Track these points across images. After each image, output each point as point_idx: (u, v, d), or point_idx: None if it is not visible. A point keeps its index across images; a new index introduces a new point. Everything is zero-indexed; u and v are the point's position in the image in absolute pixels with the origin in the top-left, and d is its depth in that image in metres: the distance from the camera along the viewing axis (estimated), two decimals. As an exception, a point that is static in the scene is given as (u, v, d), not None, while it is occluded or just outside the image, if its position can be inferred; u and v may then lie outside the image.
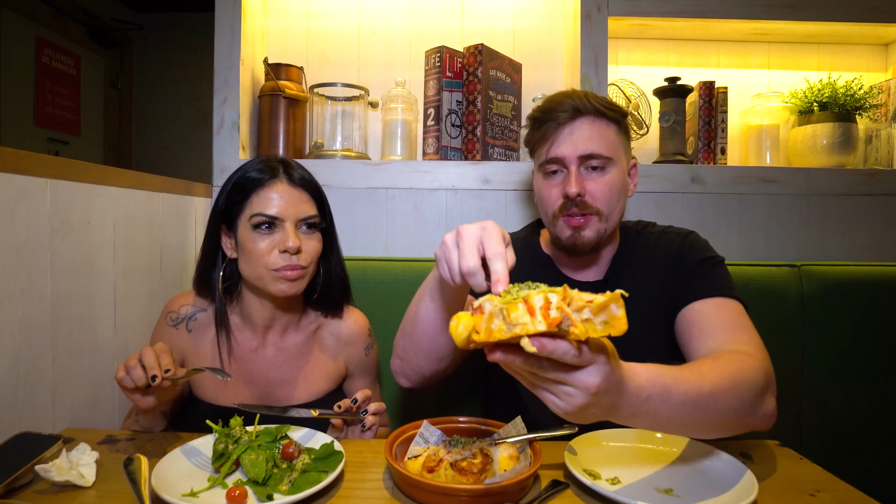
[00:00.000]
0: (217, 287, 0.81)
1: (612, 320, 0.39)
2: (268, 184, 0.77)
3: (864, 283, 1.08)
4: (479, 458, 0.61)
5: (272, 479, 0.59)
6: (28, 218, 0.72)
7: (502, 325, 0.40)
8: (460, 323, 0.41)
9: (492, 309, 0.40)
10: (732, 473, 0.62)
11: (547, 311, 0.39)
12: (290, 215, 0.77)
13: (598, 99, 0.79)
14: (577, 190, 0.77)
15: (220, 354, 0.81)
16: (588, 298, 0.40)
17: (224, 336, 0.81)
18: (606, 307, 0.39)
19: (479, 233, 0.52)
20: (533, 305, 0.39)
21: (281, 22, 1.33)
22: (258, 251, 0.76)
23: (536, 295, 0.40)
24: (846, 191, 1.22)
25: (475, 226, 0.53)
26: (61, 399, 0.78)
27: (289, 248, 0.75)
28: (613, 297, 0.39)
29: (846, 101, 1.23)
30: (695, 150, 1.28)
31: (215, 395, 0.81)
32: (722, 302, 0.75)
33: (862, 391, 1.06)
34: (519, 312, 0.39)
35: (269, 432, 0.66)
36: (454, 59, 1.21)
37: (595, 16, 1.19)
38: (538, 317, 0.39)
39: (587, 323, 0.39)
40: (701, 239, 0.86)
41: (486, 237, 0.51)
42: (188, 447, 0.65)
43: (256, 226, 0.76)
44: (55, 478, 0.57)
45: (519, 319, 0.39)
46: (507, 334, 0.39)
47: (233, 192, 0.78)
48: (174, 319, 0.83)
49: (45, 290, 0.75)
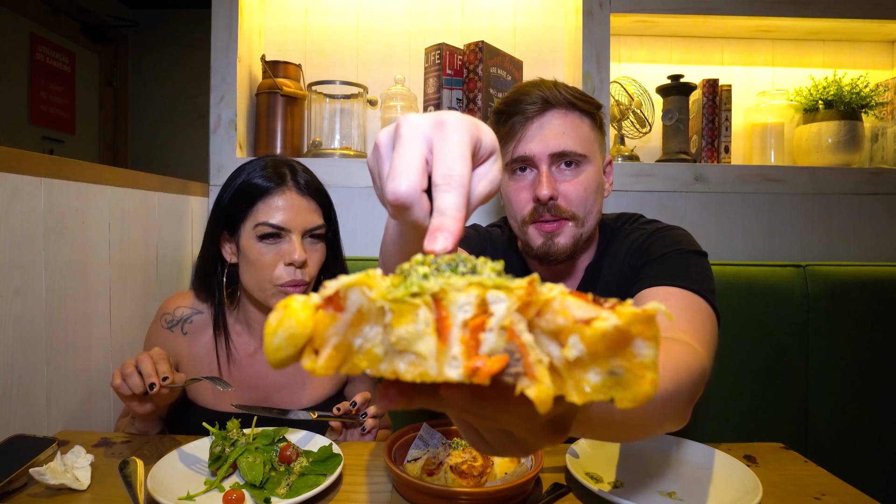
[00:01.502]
0: (216, 292, 0.79)
1: (632, 372, 0.19)
2: (275, 192, 0.74)
3: (871, 283, 1.07)
4: (480, 461, 0.60)
5: (270, 482, 0.59)
6: (22, 217, 0.71)
7: (375, 347, 0.20)
8: (283, 324, 0.20)
9: (362, 304, 0.20)
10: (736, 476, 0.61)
11: (479, 328, 0.19)
12: (297, 226, 0.74)
13: (569, 89, 0.72)
14: (548, 192, 0.69)
15: (217, 359, 0.80)
16: (582, 312, 0.19)
17: (223, 341, 0.80)
18: (625, 342, 0.18)
19: (430, 129, 0.27)
20: (448, 315, 0.19)
21: (278, 18, 1.32)
22: (263, 263, 0.73)
23: (464, 290, 0.19)
24: (852, 190, 1.21)
25: (427, 119, 0.28)
26: (56, 401, 0.77)
27: (294, 262, 0.73)
28: (639, 318, 0.18)
29: (852, 99, 1.22)
30: (698, 149, 1.27)
31: (213, 400, 0.80)
32: (675, 291, 0.62)
33: (868, 394, 1.05)
34: (416, 328, 0.19)
35: (267, 435, 0.65)
36: (454, 57, 1.19)
37: (597, 12, 1.18)
38: (453, 344, 0.19)
39: (573, 371, 0.19)
40: (679, 233, 0.75)
41: (439, 140, 0.27)
42: (184, 450, 0.64)
43: (262, 236, 0.73)
44: (49, 481, 0.57)
45: (411, 344, 0.19)
46: (379, 371, 0.20)
47: (237, 197, 0.75)
48: (169, 322, 0.81)
49: (39, 290, 0.74)
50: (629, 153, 1.26)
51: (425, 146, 0.27)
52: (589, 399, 0.19)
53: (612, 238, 0.78)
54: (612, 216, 0.83)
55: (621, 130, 1.27)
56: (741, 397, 1.03)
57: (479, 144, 0.29)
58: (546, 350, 0.19)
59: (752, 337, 1.04)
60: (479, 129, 0.29)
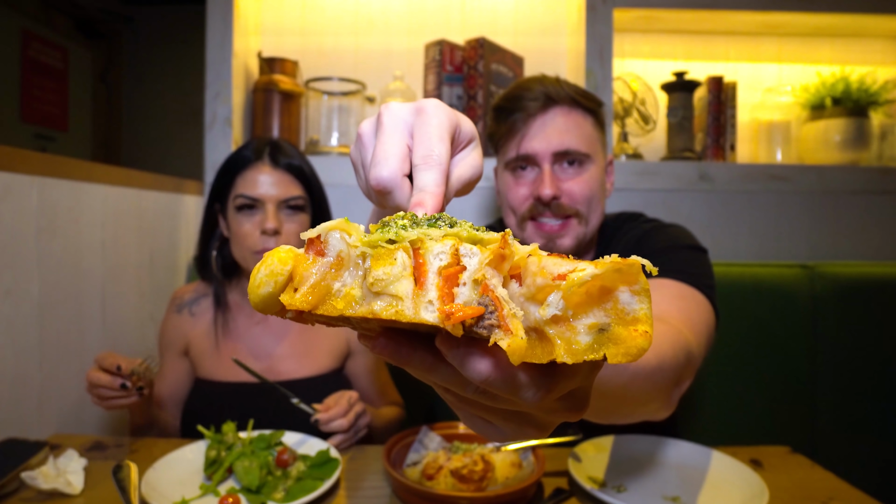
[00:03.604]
0: (212, 266, 0.84)
1: (621, 326, 0.18)
2: (252, 165, 0.80)
3: (879, 283, 1.05)
4: (480, 466, 0.59)
5: (266, 486, 0.58)
6: (14, 216, 0.70)
7: (353, 289, 0.20)
8: (265, 262, 0.21)
9: (342, 250, 0.21)
10: (742, 481, 0.60)
11: (453, 279, 0.19)
12: (272, 197, 0.79)
13: (571, 86, 0.71)
14: (552, 192, 0.67)
15: (216, 332, 0.83)
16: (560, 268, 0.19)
17: (221, 315, 0.84)
18: (608, 293, 0.18)
19: (411, 116, 0.30)
20: (425, 262, 0.20)
21: (275, 14, 1.30)
22: (242, 232, 0.79)
23: (439, 240, 0.20)
24: (860, 188, 1.19)
25: (407, 107, 0.30)
26: (48, 403, 0.76)
27: (266, 229, 0.77)
28: (618, 267, 0.18)
29: (860, 96, 1.20)
30: (703, 147, 1.25)
31: (217, 371, 0.82)
32: (669, 283, 0.60)
33: (877, 396, 1.03)
34: (393, 270, 0.20)
35: (264, 438, 0.64)
36: (454, 53, 1.17)
37: (600, 7, 1.16)
38: (429, 289, 0.19)
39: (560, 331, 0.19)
40: (677, 229, 0.73)
41: (419, 126, 0.29)
42: (179, 454, 0.63)
43: (239, 207, 0.79)
44: (42, 485, 0.56)
45: (389, 285, 0.19)
46: (355, 311, 0.20)
47: (222, 171, 0.82)
48: (178, 306, 0.87)
49: (31, 291, 0.73)
50: (633, 151, 1.25)
51: (407, 133, 0.29)
52: (579, 358, 0.19)
53: (612, 237, 0.77)
54: (612, 216, 0.82)
55: (625, 128, 1.25)
56: (746, 400, 1.02)
57: (459, 130, 0.30)
58: (532, 316, 0.19)
59: (758, 338, 1.03)
60: (458, 116, 0.30)
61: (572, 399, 0.22)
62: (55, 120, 2.66)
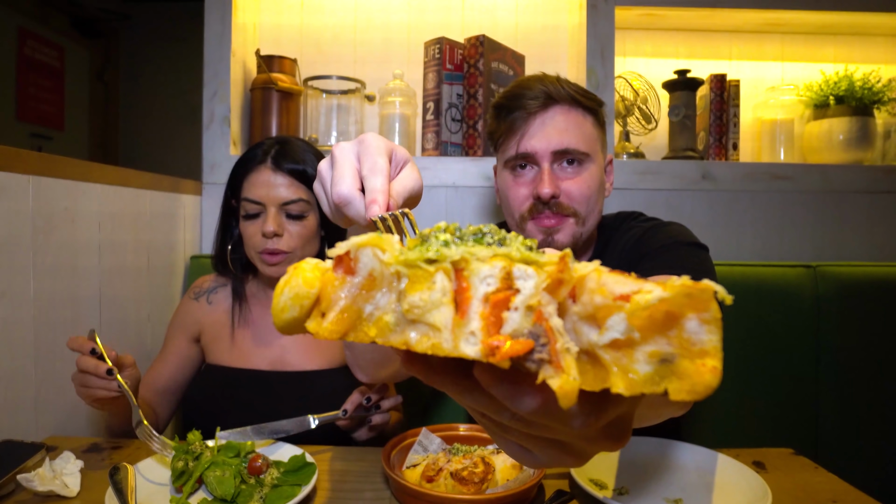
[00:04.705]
0: (228, 261, 0.86)
1: (687, 358, 0.16)
2: (256, 168, 0.81)
3: (883, 284, 1.05)
4: (481, 468, 0.59)
5: (241, 495, 0.56)
6: (10, 216, 0.69)
7: (386, 314, 0.18)
8: (289, 282, 0.19)
9: (374, 268, 0.19)
10: (745, 483, 0.60)
11: (502, 305, 0.17)
12: (272, 200, 0.79)
13: (571, 85, 0.71)
14: (550, 191, 0.68)
15: (232, 320, 0.86)
16: (622, 287, 0.16)
17: (238, 305, 0.86)
18: (675, 319, 0.16)
19: (355, 147, 0.38)
20: (469, 286, 0.17)
21: (273, 11, 1.29)
22: (247, 234, 0.81)
23: (488, 261, 0.17)
24: (864, 188, 1.18)
25: (352, 142, 0.39)
26: (44, 405, 0.75)
27: (266, 233, 0.78)
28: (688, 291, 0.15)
29: (863, 95, 1.19)
30: (706, 146, 1.24)
31: (229, 357, 0.84)
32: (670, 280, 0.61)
33: (881, 398, 1.03)
34: (431, 296, 0.17)
35: (232, 447, 0.61)
36: (454, 51, 1.17)
37: (601, 5, 1.15)
38: (472, 318, 0.17)
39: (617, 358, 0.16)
40: (677, 227, 0.73)
41: (363, 151, 0.38)
42: (145, 464, 0.60)
43: (244, 209, 0.81)
44: (38, 488, 0.55)
45: (426, 314, 0.17)
46: (388, 339, 0.18)
47: (234, 171, 0.84)
48: (197, 293, 0.90)
49: (27, 292, 0.72)
50: (634, 150, 1.24)
51: (355, 159, 0.38)
52: (637, 390, 0.16)
53: (611, 237, 0.77)
54: (612, 215, 0.82)
55: (626, 127, 1.24)
56: (749, 401, 1.01)
57: (394, 153, 0.39)
58: (585, 337, 0.17)
59: (761, 339, 1.02)
60: (392, 143, 0.40)
61: (614, 427, 0.21)
62: (51, 119, 2.65)
